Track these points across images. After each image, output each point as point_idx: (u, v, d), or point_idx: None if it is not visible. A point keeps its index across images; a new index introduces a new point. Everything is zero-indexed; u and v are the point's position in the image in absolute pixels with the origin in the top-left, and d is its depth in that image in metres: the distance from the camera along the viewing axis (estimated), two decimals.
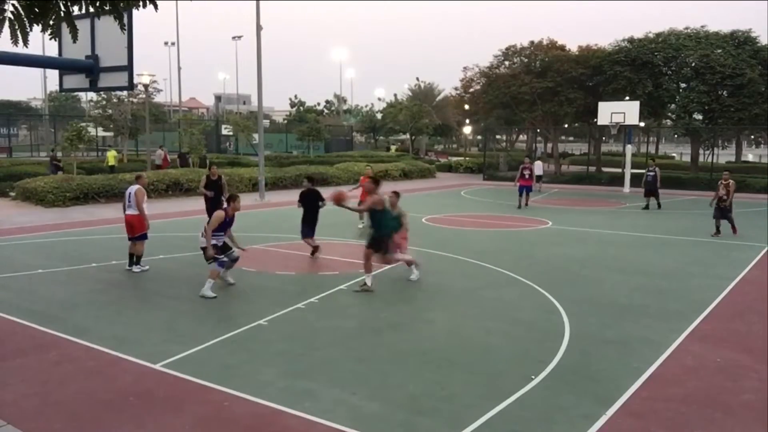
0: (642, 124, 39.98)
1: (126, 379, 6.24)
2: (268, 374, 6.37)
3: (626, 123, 29.20)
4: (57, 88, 11.54)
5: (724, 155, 54.66)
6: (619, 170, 31.84)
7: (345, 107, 77.54)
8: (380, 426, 5.29)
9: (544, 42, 36.45)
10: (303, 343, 7.27)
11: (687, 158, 46.17)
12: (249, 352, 7.01)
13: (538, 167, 28.94)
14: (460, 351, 7.13)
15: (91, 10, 5.08)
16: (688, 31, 32.67)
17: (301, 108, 73.44)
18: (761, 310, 8.86)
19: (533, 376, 6.29)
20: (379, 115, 65.58)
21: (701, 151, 40.28)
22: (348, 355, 6.97)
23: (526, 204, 21.52)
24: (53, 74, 50.61)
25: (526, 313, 8.73)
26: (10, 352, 6.98)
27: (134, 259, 11.07)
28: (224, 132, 54.15)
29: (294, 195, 19.56)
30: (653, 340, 7.55)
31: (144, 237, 11.12)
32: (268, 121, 74.91)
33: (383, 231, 9.72)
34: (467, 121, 50.79)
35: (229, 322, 8.04)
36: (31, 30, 4.82)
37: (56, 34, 5.22)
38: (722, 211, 15.56)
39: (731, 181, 15.73)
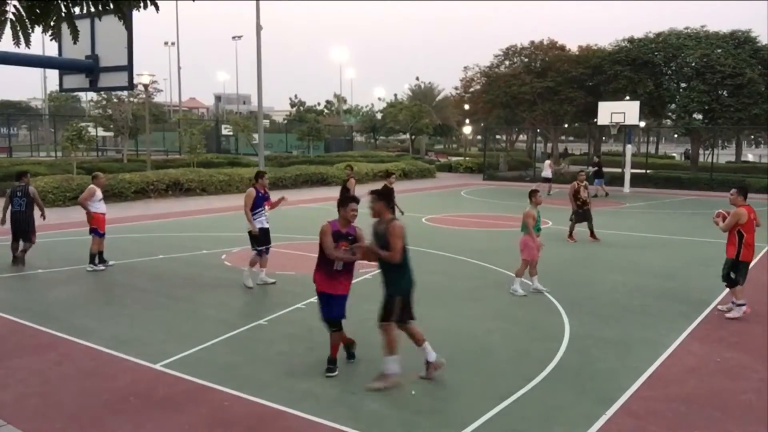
0: (642, 124, 39.98)
1: (126, 379, 6.24)
2: (268, 374, 6.37)
3: (626, 123, 29.20)
4: (57, 88, 11.54)
5: (724, 155, 54.65)
6: (619, 170, 31.85)
7: (345, 107, 77.54)
8: (380, 426, 5.29)
9: (545, 42, 36.50)
10: (303, 343, 7.27)
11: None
12: (249, 352, 7.01)
13: (546, 169, 28.05)
14: (460, 351, 7.12)
15: (93, 10, 5.08)
16: (688, 31, 32.70)
17: (301, 108, 73.47)
18: (761, 311, 8.87)
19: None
20: (379, 115, 65.60)
21: (701, 151, 40.28)
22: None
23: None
24: (53, 74, 50.59)
25: (526, 313, 8.74)
26: (10, 352, 6.98)
27: (91, 257, 11.04)
28: (224, 132, 54.10)
29: (294, 195, 19.67)
30: (653, 340, 7.56)
31: (95, 234, 11.00)
32: (268, 121, 74.88)
33: None
34: (467, 121, 50.79)
35: (229, 322, 8.04)
36: (32, 31, 4.82)
37: (57, 35, 5.21)
38: (586, 214, 14.88)
39: (587, 182, 15.44)
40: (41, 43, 32.93)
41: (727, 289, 9.02)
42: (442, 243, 14.07)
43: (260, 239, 9.84)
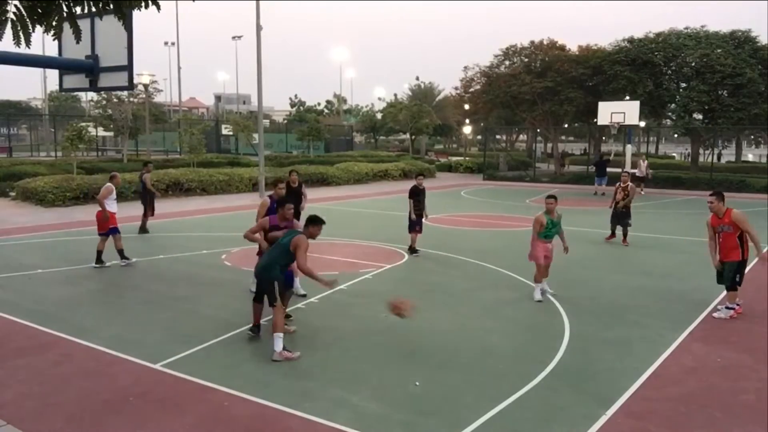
0: (642, 124, 39.95)
1: (126, 379, 6.24)
2: (268, 374, 6.38)
3: (626, 123, 29.18)
4: (57, 88, 11.60)
5: (725, 155, 54.62)
6: (619, 170, 31.87)
7: (345, 107, 77.54)
8: (380, 426, 5.29)
9: (545, 42, 36.46)
10: (303, 343, 7.27)
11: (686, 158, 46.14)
12: (249, 352, 7.01)
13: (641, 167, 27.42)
14: (460, 351, 7.13)
15: (94, 10, 5.07)
16: (688, 31, 32.66)
17: (301, 108, 73.48)
18: (761, 310, 8.87)
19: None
20: (379, 115, 65.64)
21: (701, 151, 40.24)
22: (348, 355, 6.98)
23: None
24: (53, 74, 50.57)
25: (526, 313, 8.74)
26: (10, 352, 6.99)
27: (99, 255, 11.36)
28: (224, 132, 54.10)
29: None
30: (653, 340, 7.56)
31: (106, 233, 11.42)
32: (268, 121, 74.89)
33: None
34: (467, 121, 50.79)
35: (229, 322, 8.04)
36: (33, 31, 4.82)
37: (58, 35, 5.21)
38: (618, 216, 14.60)
39: (630, 183, 14.70)
40: (41, 43, 32.99)
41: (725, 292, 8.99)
42: (442, 243, 14.07)
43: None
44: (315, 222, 7.20)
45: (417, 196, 12.80)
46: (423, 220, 12.99)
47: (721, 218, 8.72)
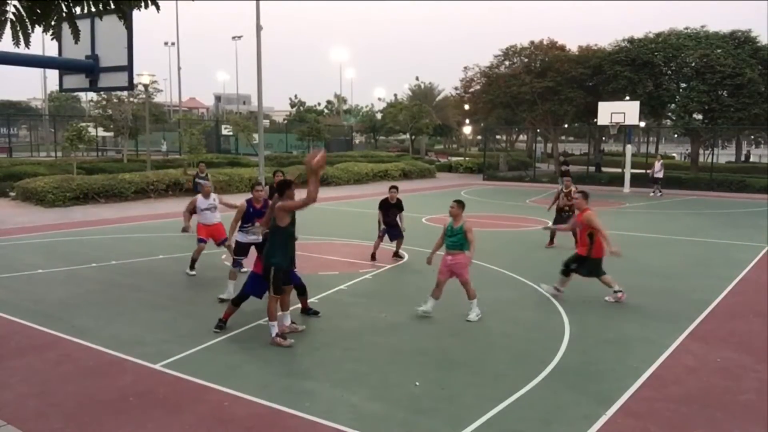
0: (642, 124, 39.93)
1: (126, 379, 6.24)
2: (268, 374, 6.38)
3: (626, 123, 29.19)
4: (57, 88, 11.58)
5: (725, 155, 54.64)
6: (619, 170, 31.85)
7: (345, 107, 77.55)
8: (380, 426, 5.29)
9: (545, 42, 36.48)
10: (303, 343, 7.28)
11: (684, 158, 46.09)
12: (249, 352, 7.01)
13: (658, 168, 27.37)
14: (460, 351, 7.13)
15: (93, 10, 5.08)
16: (688, 31, 32.67)
17: (302, 108, 73.41)
18: (761, 310, 8.87)
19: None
20: (379, 115, 65.61)
21: (701, 151, 40.24)
22: (348, 355, 6.97)
23: None
24: (53, 74, 50.58)
25: (526, 313, 8.74)
26: (10, 352, 6.98)
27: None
28: (224, 132, 54.07)
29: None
30: (653, 340, 7.56)
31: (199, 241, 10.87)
32: (268, 121, 74.88)
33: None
34: (467, 121, 50.78)
35: (229, 322, 8.03)
36: (32, 31, 4.82)
37: (57, 35, 5.22)
38: (558, 221, 13.73)
39: (573, 187, 13.82)
40: (41, 43, 32.96)
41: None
42: None
43: (238, 251, 9.40)
44: (286, 187, 7.30)
45: (387, 209, 11.87)
46: (401, 229, 11.98)
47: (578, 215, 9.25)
